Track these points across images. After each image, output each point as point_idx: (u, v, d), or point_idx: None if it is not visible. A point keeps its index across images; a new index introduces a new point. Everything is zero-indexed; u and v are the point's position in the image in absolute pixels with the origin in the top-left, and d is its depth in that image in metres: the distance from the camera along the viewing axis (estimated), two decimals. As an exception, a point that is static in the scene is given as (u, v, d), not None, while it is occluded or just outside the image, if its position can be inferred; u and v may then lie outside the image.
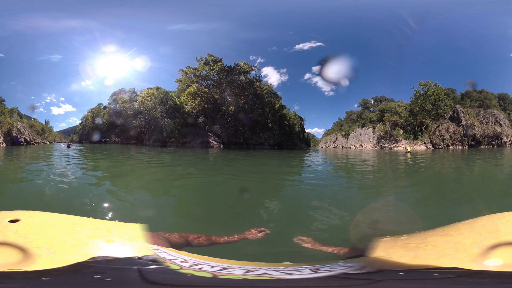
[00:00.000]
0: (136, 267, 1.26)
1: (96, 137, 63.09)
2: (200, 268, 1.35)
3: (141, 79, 76.21)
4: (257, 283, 1.24)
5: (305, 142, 66.09)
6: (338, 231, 4.42)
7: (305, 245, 2.52)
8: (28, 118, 60.94)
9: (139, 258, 1.39)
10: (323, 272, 1.34)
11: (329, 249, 2.33)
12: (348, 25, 61.29)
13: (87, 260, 1.30)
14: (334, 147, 66.23)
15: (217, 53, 52.77)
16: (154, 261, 1.36)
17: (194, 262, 1.46)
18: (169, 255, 1.55)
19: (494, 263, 1.26)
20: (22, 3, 47.95)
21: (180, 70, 52.54)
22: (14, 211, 1.64)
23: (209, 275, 1.26)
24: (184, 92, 52.30)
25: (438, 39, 63.50)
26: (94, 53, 60.28)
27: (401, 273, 1.31)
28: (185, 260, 1.47)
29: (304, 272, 1.34)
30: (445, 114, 56.86)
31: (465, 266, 1.25)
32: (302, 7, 53.17)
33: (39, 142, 57.80)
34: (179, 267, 1.34)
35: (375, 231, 4.02)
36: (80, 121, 74.09)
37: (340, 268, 1.41)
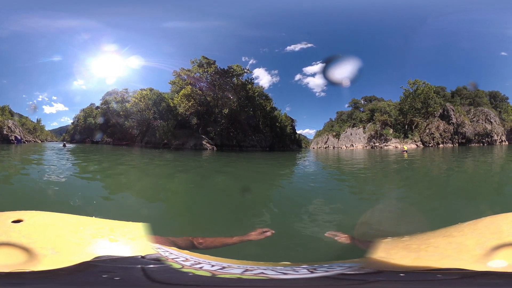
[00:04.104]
0: (140, 266, 1.28)
1: (88, 137, 62.25)
2: (200, 267, 1.38)
3: (134, 79, 74.38)
4: (251, 282, 1.27)
5: (297, 144, 65.75)
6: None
7: (339, 239, 2.40)
8: (20, 116, 59.90)
9: (142, 257, 1.40)
10: (320, 273, 1.34)
11: (362, 245, 2.19)
12: (341, 27, 61.42)
13: (92, 260, 1.32)
14: (325, 148, 66.25)
15: (210, 55, 52.44)
16: (157, 260, 1.38)
17: (195, 261, 1.48)
18: (171, 254, 1.58)
19: (499, 264, 1.25)
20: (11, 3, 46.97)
21: (174, 71, 52.20)
22: (16, 211, 1.63)
23: (208, 274, 1.28)
24: (177, 94, 51.96)
25: (432, 40, 63.83)
26: (86, 52, 58.66)
27: (401, 274, 1.29)
28: (186, 259, 1.49)
29: (301, 272, 1.35)
30: (435, 112, 56.92)
31: (468, 267, 1.23)
32: (295, 7, 53.22)
33: (30, 141, 56.97)
34: (181, 266, 1.37)
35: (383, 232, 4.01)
36: (72, 121, 72.37)
37: (338, 269, 1.42)
